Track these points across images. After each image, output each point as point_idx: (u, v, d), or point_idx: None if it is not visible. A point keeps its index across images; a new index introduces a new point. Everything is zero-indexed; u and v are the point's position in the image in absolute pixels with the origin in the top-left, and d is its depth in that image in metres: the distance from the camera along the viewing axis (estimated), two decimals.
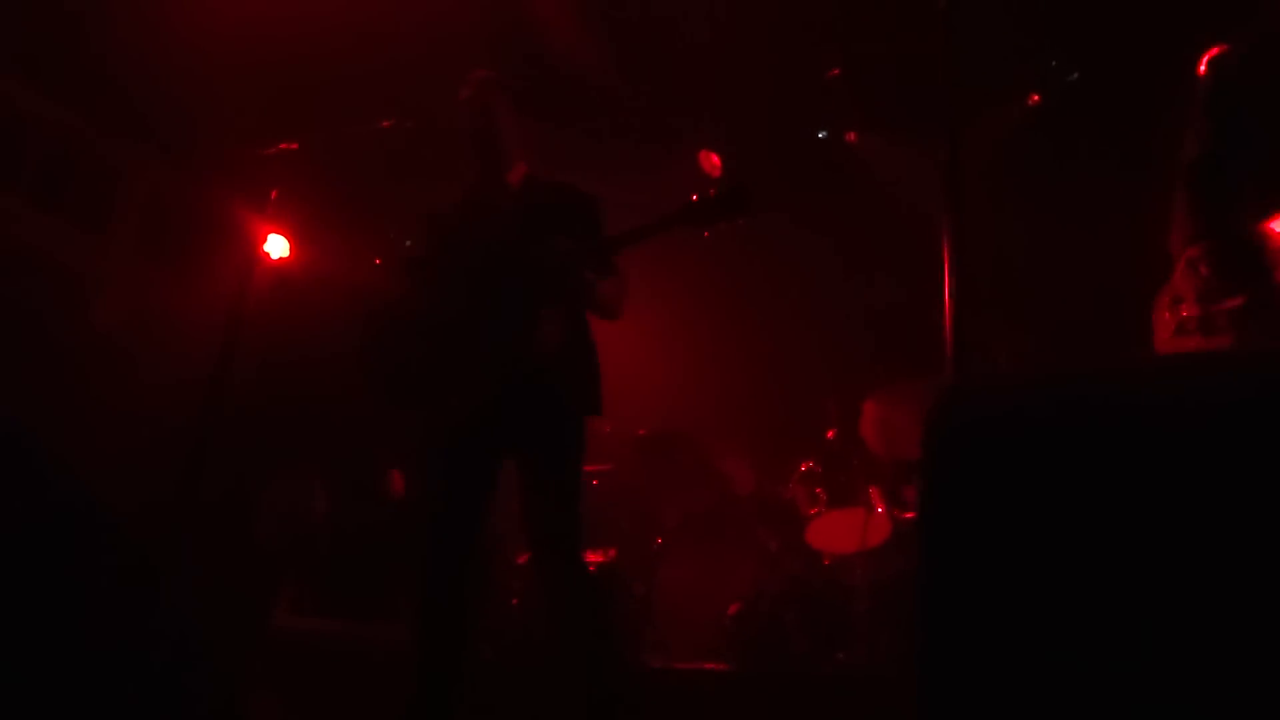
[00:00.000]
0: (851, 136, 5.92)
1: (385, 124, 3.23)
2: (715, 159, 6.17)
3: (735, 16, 5.06)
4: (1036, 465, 0.97)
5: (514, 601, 4.16)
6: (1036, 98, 5.50)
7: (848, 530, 4.13)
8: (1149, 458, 0.95)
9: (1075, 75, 5.38)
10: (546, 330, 2.74)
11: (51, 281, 5.05)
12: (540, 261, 2.75)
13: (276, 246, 4.56)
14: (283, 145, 3.11)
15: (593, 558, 4.26)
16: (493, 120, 2.99)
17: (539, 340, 2.73)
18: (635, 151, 5.56)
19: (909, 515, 4.17)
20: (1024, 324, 4.59)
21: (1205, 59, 2.29)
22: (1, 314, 4.63)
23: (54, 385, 4.51)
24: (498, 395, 2.73)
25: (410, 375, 2.84)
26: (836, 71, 5.46)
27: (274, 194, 3.18)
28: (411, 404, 2.87)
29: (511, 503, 4.40)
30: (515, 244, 2.84)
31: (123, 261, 5.34)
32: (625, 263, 3.00)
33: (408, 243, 3.19)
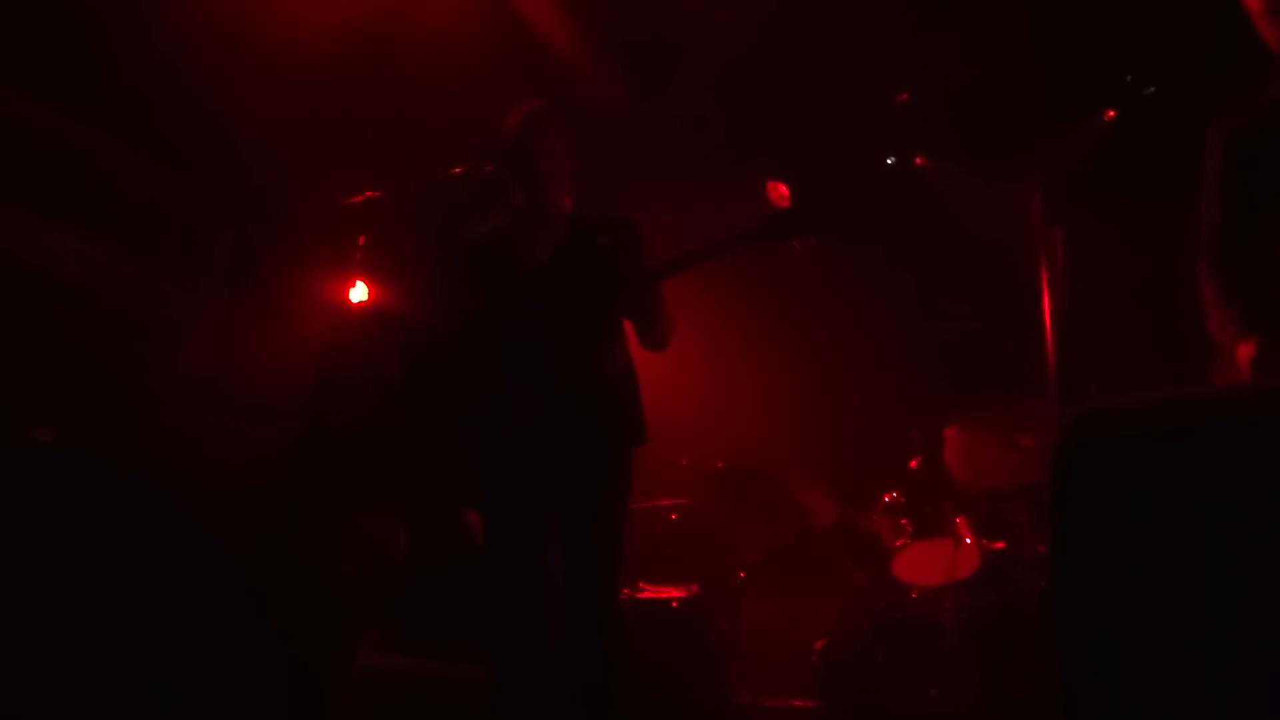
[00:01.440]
0: (920, 161, 5.86)
1: (457, 170, 3.29)
2: (783, 189, 6.15)
3: (801, 43, 5.07)
4: (1166, 489, 0.94)
5: None
6: (1112, 114, 5.39)
7: (935, 562, 4.04)
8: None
9: (1151, 89, 5.27)
10: (612, 348, 2.71)
11: (144, 331, 5.25)
12: (606, 279, 2.71)
13: (358, 291, 4.70)
14: (367, 194, 3.20)
15: (674, 593, 4.24)
16: (542, 148, 2.96)
17: (605, 358, 2.69)
18: (708, 182, 5.59)
19: (998, 545, 4.07)
20: (1112, 352, 4.46)
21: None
22: (97, 362, 4.82)
23: (148, 431, 4.67)
24: (551, 426, 2.68)
25: (458, 402, 2.80)
26: (905, 96, 5.43)
27: (360, 241, 3.26)
28: (464, 429, 2.84)
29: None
30: (571, 265, 2.80)
31: (211, 310, 5.53)
32: (692, 293, 2.97)
33: (443, 270, 3.14)
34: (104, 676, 1.91)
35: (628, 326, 2.90)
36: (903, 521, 4.17)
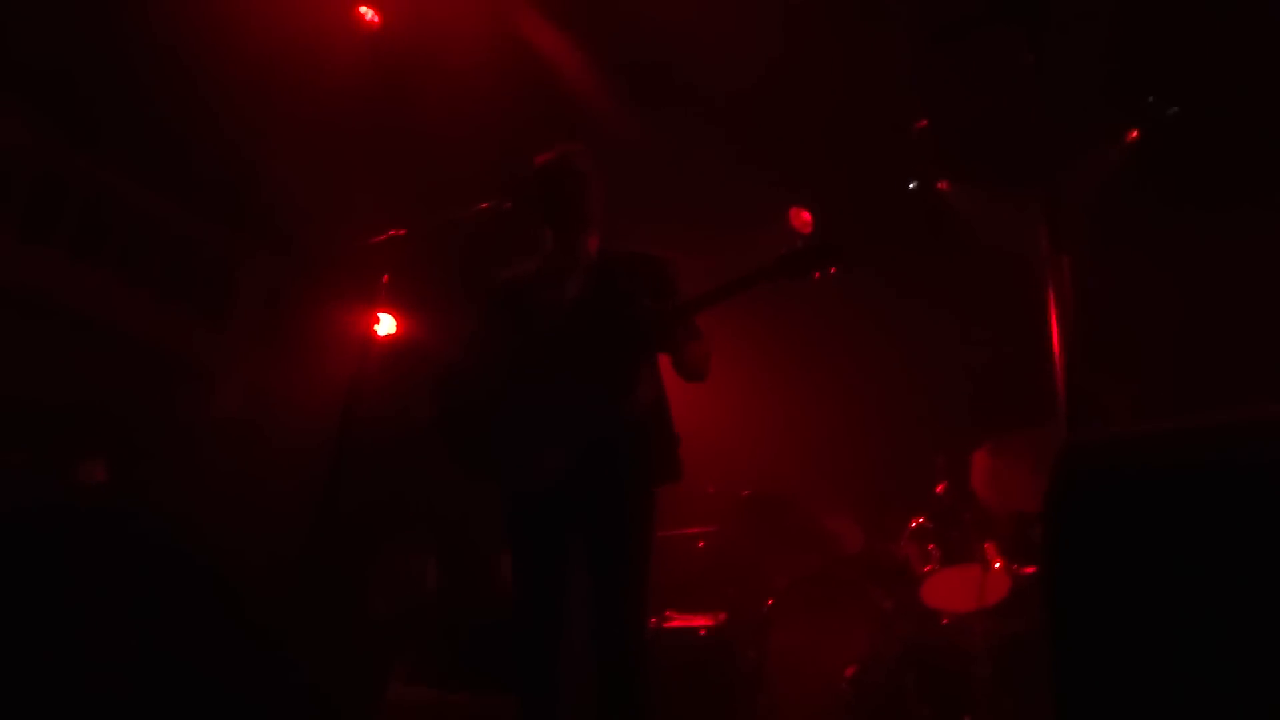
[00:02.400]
0: (944, 186, 5.87)
1: (484, 205, 3.35)
2: (806, 215, 6.19)
3: (819, 72, 5.11)
4: (1158, 521, 0.95)
5: None
6: (1135, 134, 5.38)
7: (964, 588, 4.00)
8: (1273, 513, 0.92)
9: (1175, 109, 5.25)
10: (638, 392, 2.71)
11: (174, 371, 5.35)
12: (632, 323, 2.72)
13: (385, 326, 4.77)
14: (391, 232, 3.26)
15: (702, 622, 4.23)
16: (572, 192, 2.97)
17: (631, 402, 2.69)
18: (731, 211, 5.63)
19: (1028, 570, 4.02)
20: (1138, 373, 4.43)
21: None
22: (128, 403, 4.92)
23: (179, 470, 4.76)
24: (577, 464, 2.67)
25: (490, 444, 2.81)
26: (924, 123, 5.45)
27: (385, 279, 3.32)
28: (491, 472, 2.84)
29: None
30: (597, 309, 2.81)
31: (240, 350, 5.64)
32: (715, 322, 2.98)
33: (472, 313, 3.15)
34: (132, 713, 1.94)
35: (664, 362, 2.92)
36: (930, 547, 4.13)
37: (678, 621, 4.28)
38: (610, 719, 2.59)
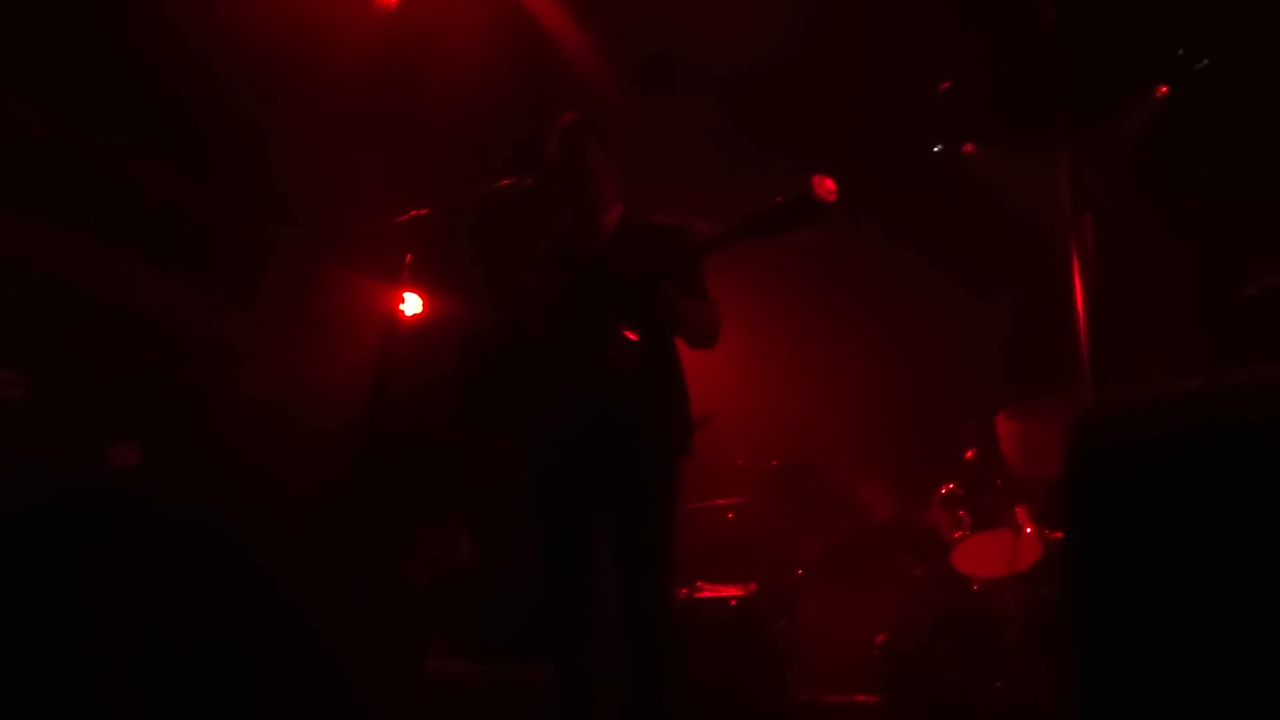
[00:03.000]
0: (969, 149, 5.79)
1: (506, 182, 3.34)
2: (829, 183, 6.12)
3: (841, 36, 5.04)
4: (1180, 485, 0.94)
5: None
6: (1164, 90, 5.26)
7: (995, 553, 3.99)
8: None
9: (1205, 63, 5.13)
10: (615, 354, 2.63)
11: (204, 354, 5.43)
12: (614, 281, 2.67)
13: (411, 304, 4.80)
14: (413, 212, 3.27)
15: (733, 592, 4.26)
16: (581, 164, 2.93)
17: (607, 363, 2.61)
18: (752, 182, 5.58)
19: (1059, 535, 4.00)
20: (1170, 334, 4.36)
21: None
22: (161, 386, 5.00)
23: (212, 449, 4.83)
24: (573, 433, 2.66)
25: (496, 402, 2.82)
26: (947, 85, 5.36)
27: (409, 258, 3.33)
28: (497, 427, 2.86)
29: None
30: (599, 280, 2.75)
31: (271, 332, 5.70)
32: (740, 293, 2.93)
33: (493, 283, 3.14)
34: (161, 689, 1.99)
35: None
36: (960, 513, 4.12)
37: (708, 592, 4.31)
38: (644, 682, 2.59)
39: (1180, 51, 5.15)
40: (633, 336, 2.61)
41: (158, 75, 4.77)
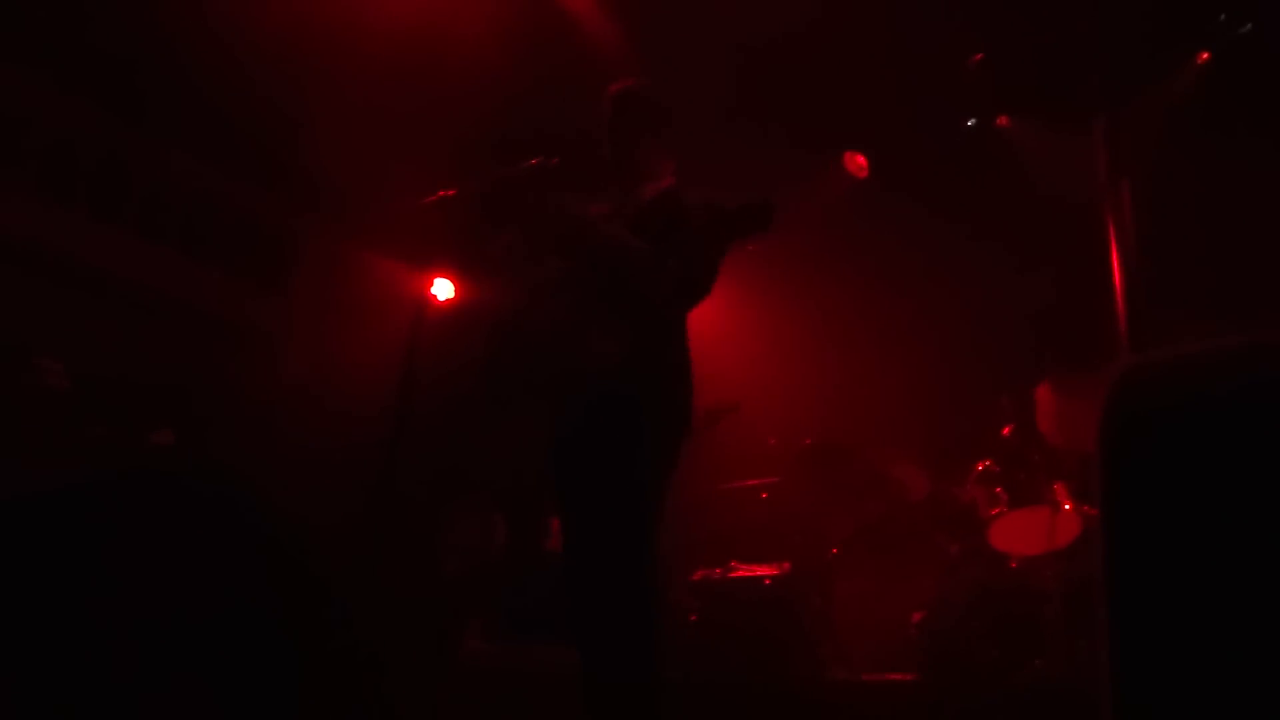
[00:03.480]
0: (1003, 122, 5.68)
1: (532, 162, 3.32)
2: (861, 159, 6.06)
3: (870, 8, 4.96)
4: (1222, 451, 0.90)
5: (691, 618, 4.18)
6: (1206, 56, 5.12)
7: (1034, 530, 3.94)
8: None
9: (1248, 27, 4.98)
10: (603, 335, 2.63)
11: (240, 341, 5.49)
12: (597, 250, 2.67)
13: (443, 289, 4.82)
14: (441, 193, 3.27)
15: (767, 572, 4.24)
16: (626, 135, 2.90)
17: (595, 347, 2.62)
18: (778, 163, 5.53)
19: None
20: (1217, 306, 4.25)
21: None
22: (202, 373, 5.07)
23: (248, 434, 4.89)
24: (569, 412, 2.66)
25: (514, 388, 2.82)
26: (979, 56, 5.26)
27: (438, 240, 3.33)
28: (514, 412, 2.85)
29: (680, 520, 4.43)
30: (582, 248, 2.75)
31: (303, 318, 5.76)
32: (770, 272, 2.87)
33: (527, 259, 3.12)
34: (194, 674, 2.01)
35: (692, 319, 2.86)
36: (997, 490, 4.06)
37: (742, 572, 4.30)
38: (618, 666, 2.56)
39: (1222, 16, 5.01)
40: (614, 320, 2.60)
41: (189, 67, 4.81)
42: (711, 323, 2.88)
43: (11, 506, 1.95)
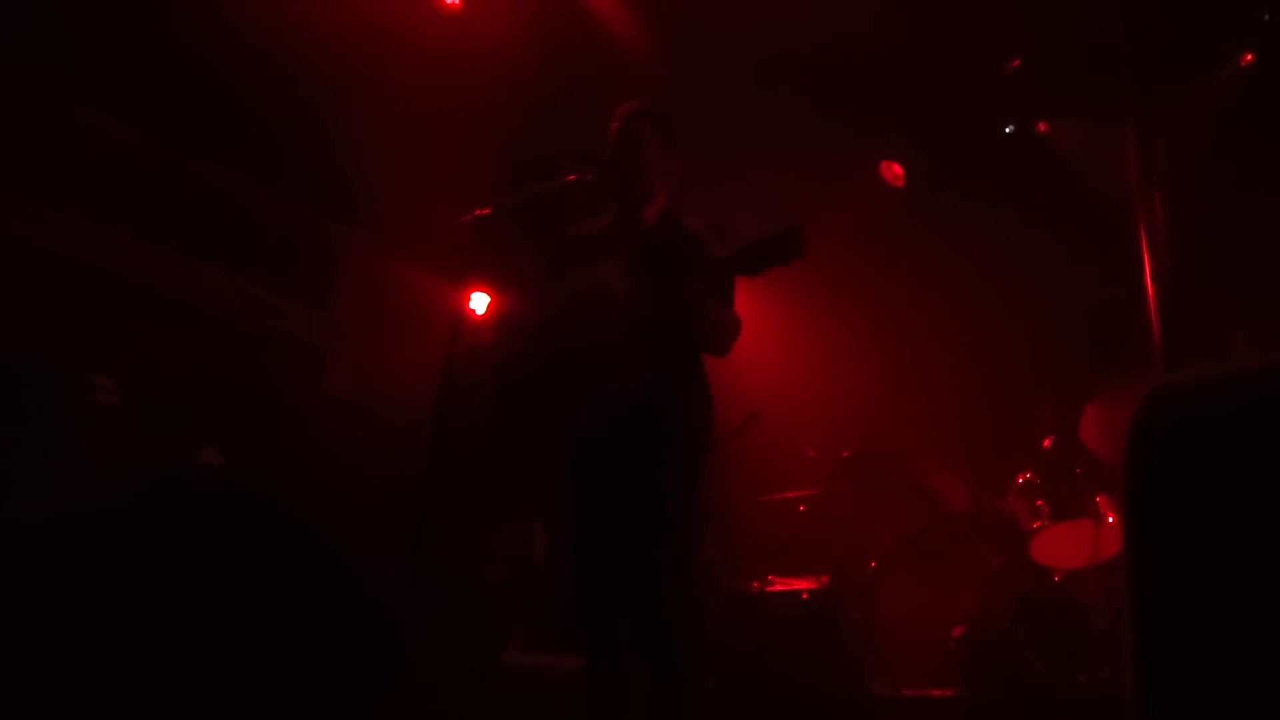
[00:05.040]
0: (1042, 127, 5.62)
1: (570, 179, 3.35)
2: (897, 168, 6.03)
3: (906, 15, 4.94)
4: (1252, 470, 0.90)
5: (729, 631, 4.16)
6: (1250, 58, 5.03)
7: (1077, 543, 3.88)
8: None
9: None
10: (629, 356, 2.66)
11: (285, 355, 5.59)
12: (634, 302, 2.69)
13: (480, 303, 4.88)
14: (477, 211, 3.31)
15: (805, 585, 4.22)
16: (634, 154, 2.92)
17: (621, 367, 2.65)
18: (814, 170, 5.52)
19: None
20: (1262, 309, 4.17)
21: None
22: (247, 388, 5.17)
23: (295, 446, 4.97)
24: (597, 434, 2.68)
25: (528, 412, 2.84)
26: (1017, 62, 5.21)
27: (475, 256, 3.38)
28: (529, 440, 2.88)
29: (718, 533, 4.42)
30: (638, 277, 2.75)
31: (347, 331, 5.85)
32: (806, 281, 2.89)
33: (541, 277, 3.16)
34: (243, 686, 2.05)
35: None
36: (1039, 503, 4.01)
37: (780, 585, 4.28)
38: (654, 686, 2.59)
39: (1267, 16, 4.92)
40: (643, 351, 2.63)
41: (232, 88, 4.93)
42: (748, 332, 2.90)
43: (64, 520, 2.01)
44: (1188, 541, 0.91)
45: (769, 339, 5.24)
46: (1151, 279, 1.59)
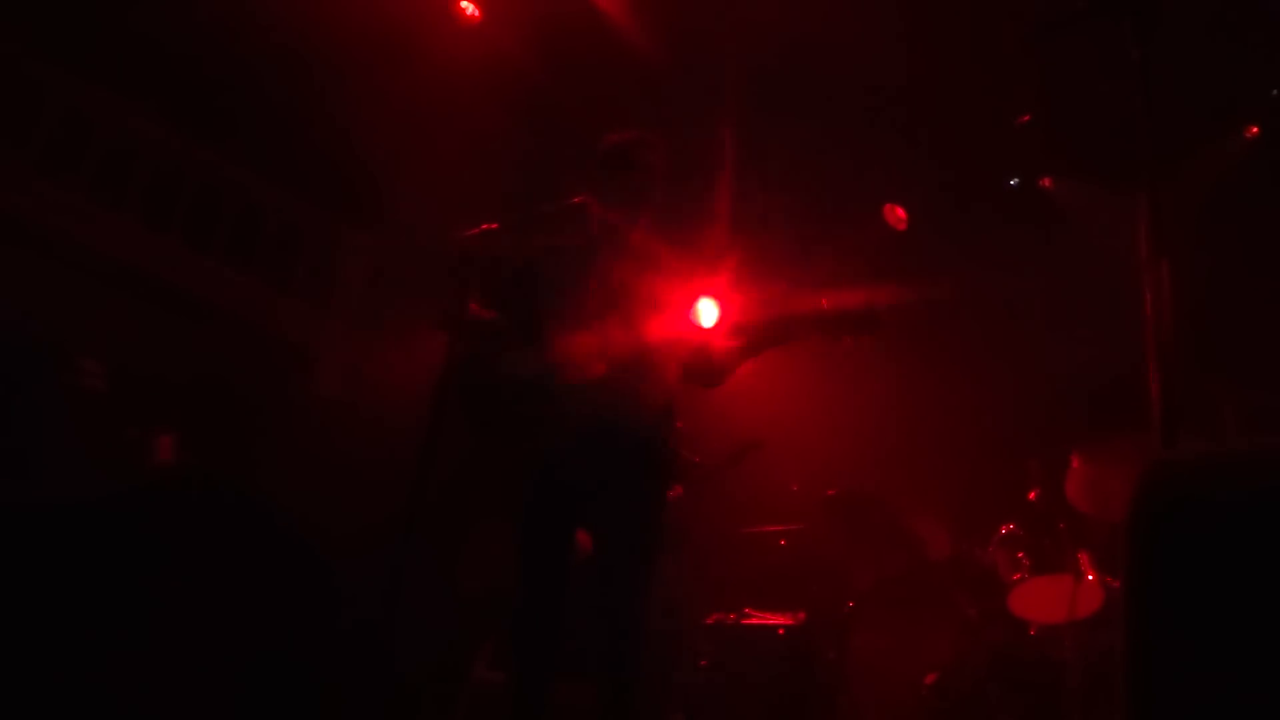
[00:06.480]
0: (1047, 183, 5.68)
1: (577, 200, 3.37)
2: (900, 212, 6.07)
3: (918, 66, 5.01)
4: (1249, 551, 0.91)
5: (702, 663, 4.15)
6: (1255, 130, 5.10)
7: (1055, 598, 3.88)
8: None
9: None
10: (579, 367, 2.73)
11: (280, 353, 5.58)
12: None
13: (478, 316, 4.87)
14: (484, 226, 3.31)
15: (781, 620, 4.21)
16: (638, 181, 2.99)
17: (571, 379, 2.71)
18: (818, 212, 5.56)
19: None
20: (1255, 380, 4.21)
21: None
22: (239, 386, 5.15)
23: (282, 445, 4.95)
24: (559, 444, 2.73)
25: (501, 423, 2.88)
26: (1027, 118, 5.28)
27: (478, 272, 3.38)
28: (499, 447, 2.91)
29: (696, 562, 4.41)
30: (606, 301, 2.84)
31: (343, 332, 5.84)
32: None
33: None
34: (216, 683, 2.04)
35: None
36: (1020, 555, 4.01)
37: (756, 619, 4.27)
38: (607, 692, 2.63)
39: (1276, 91, 5.00)
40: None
41: (245, 86, 4.94)
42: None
43: (51, 512, 2.00)
44: (1184, 617, 0.92)
45: (761, 369, 5.25)
46: (1154, 345, 1.59)
